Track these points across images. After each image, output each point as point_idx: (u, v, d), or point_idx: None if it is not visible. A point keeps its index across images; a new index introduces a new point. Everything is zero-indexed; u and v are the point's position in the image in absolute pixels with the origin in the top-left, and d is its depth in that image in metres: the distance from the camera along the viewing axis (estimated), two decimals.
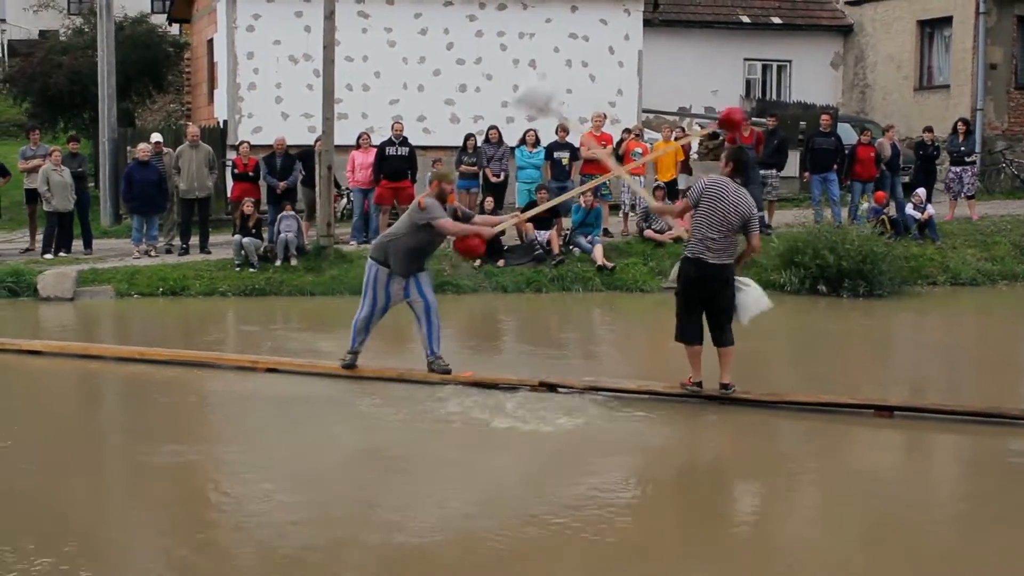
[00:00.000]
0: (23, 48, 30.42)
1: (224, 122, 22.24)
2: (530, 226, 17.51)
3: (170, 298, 16.25)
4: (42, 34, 30.84)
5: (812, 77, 28.76)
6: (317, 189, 17.93)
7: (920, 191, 19.30)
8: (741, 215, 9.36)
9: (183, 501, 7.30)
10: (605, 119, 19.73)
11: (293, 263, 17.24)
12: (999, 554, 6.43)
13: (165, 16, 29.23)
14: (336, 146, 17.85)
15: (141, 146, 18.34)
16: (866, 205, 19.16)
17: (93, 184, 21.61)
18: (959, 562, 6.37)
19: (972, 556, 6.42)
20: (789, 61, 28.93)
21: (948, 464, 8.64)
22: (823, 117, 20.43)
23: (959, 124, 20.81)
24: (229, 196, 19.60)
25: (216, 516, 7.04)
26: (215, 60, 23.75)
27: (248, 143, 19.18)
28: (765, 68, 29.04)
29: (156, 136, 19.02)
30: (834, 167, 19.36)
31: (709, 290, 9.51)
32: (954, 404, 9.46)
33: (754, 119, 20.26)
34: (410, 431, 8.89)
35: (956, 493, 7.84)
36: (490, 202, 18.12)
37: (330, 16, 17.36)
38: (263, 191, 18.60)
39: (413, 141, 19.15)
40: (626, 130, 20.12)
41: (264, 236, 17.56)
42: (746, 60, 28.70)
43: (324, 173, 17.60)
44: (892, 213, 18.91)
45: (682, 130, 19.53)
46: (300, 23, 21.56)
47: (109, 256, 18.00)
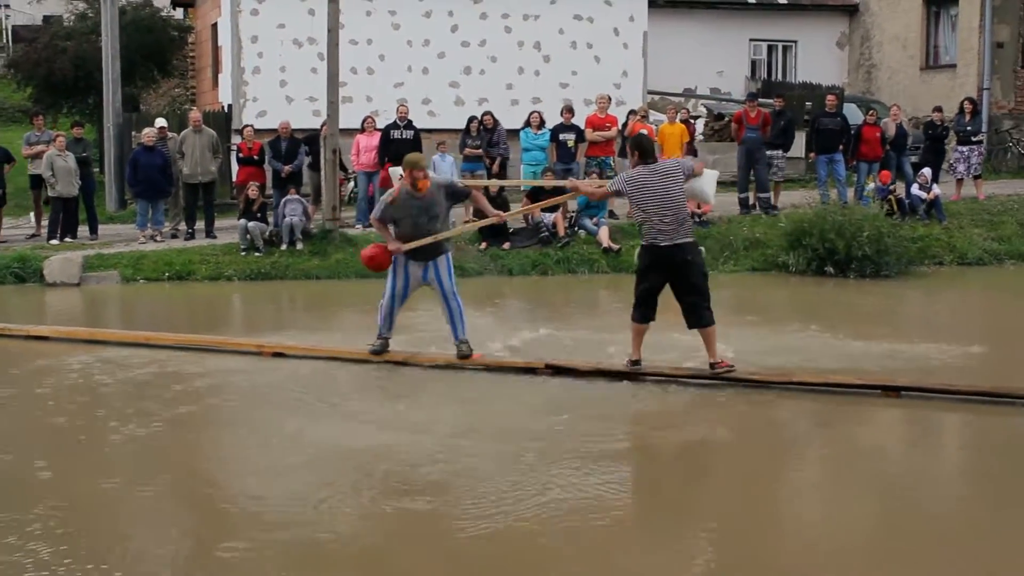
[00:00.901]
0: (27, 34, 30.33)
1: (229, 106, 22.21)
2: (536, 208, 17.47)
3: (176, 283, 16.26)
4: (46, 19, 30.74)
5: (818, 57, 28.67)
6: (322, 173, 17.92)
7: (926, 171, 19.25)
8: (675, 189, 9.48)
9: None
10: (610, 101, 19.68)
11: (298, 247, 17.23)
12: (1006, 534, 6.42)
13: (169, 0, 29.14)
14: (341, 130, 17.83)
15: (146, 131, 18.32)
16: (872, 185, 19.11)
17: (98, 169, 21.59)
18: (966, 541, 6.35)
19: (979, 536, 6.41)
20: (795, 41, 28.85)
21: (956, 444, 8.62)
22: (829, 97, 20.36)
23: (965, 103, 20.74)
24: (234, 180, 19.59)
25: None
26: (219, 44, 23.70)
27: (252, 127, 19.17)
28: (771, 48, 28.97)
29: (161, 121, 19.00)
30: (840, 147, 19.32)
31: (671, 273, 9.57)
32: (962, 384, 9.43)
33: (761, 100, 20.15)
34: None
35: (964, 473, 7.82)
36: (495, 185, 18.08)
37: None
38: (268, 175, 18.59)
39: (418, 124, 19.13)
40: (631, 112, 20.06)
41: (269, 220, 17.56)
42: (751, 40, 28.62)
43: (329, 157, 17.58)
44: (899, 193, 18.88)
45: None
46: (304, 6, 21.52)
47: (115, 241, 18.02)
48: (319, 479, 7.20)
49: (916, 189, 19.03)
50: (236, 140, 20.03)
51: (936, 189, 19.07)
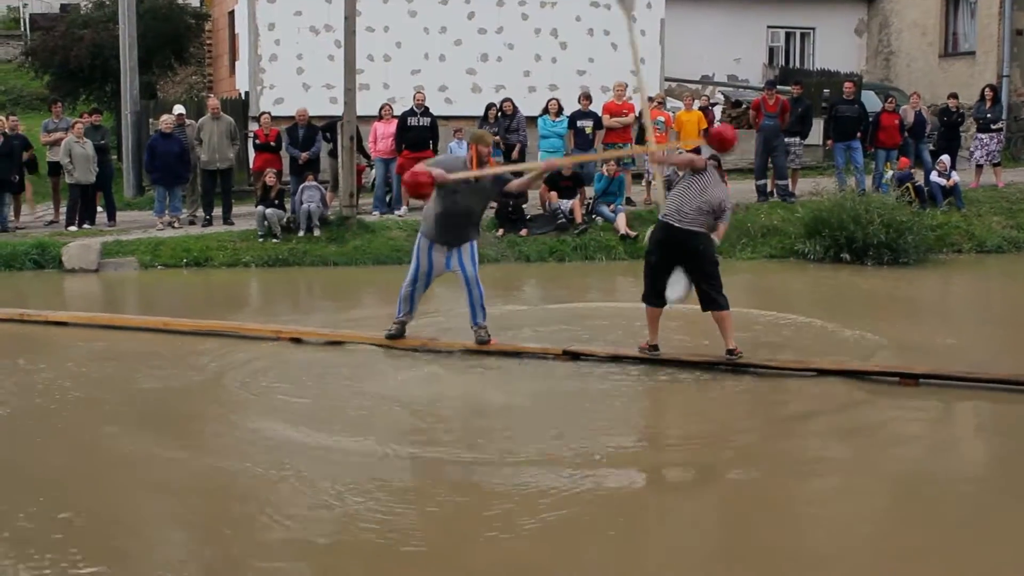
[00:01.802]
0: (45, 22, 30.40)
1: (246, 93, 22.24)
2: (553, 195, 17.49)
3: (194, 269, 16.33)
4: (63, 8, 30.77)
5: (836, 44, 28.50)
6: (339, 160, 17.94)
7: (944, 158, 19.17)
8: (711, 205, 9.53)
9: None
10: (627, 88, 19.63)
11: (316, 233, 17.25)
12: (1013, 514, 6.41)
13: None
14: (358, 117, 17.83)
15: (163, 118, 18.37)
16: (890, 173, 19.04)
17: (116, 157, 21.66)
18: (982, 530, 6.33)
19: (996, 524, 6.38)
20: (813, 28, 28.69)
21: (974, 432, 8.58)
22: (846, 85, 20.26)
23: (986, 91, 20.64)
24: (251, 167, 19.63)
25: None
26: (236, 32, 23.72)
27: (269, 114, 19.19)
28: (788, 35, 28.82)
29: (179, 108, 19.04)
30: (858, 135, 19.25)
31: (678, 255, 9.59)
32: (980, 371, 9.40)
33: (779, 87, 20.07)
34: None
35: (982, 461, 7.79)
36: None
37: None
38: (285, 162, 18.62)
39: (435, 111, 19.12)
40: (649, 99, 19.97)
41: (286, 207, 17.59)
42: (769, 28, 28.47)
43: (346, 144, 17.59)
44: (919, 181, 18.81)
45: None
46: None
47: (132, 228, 18.07)
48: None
49: (935, 176, 18.96)
50: (253, 127, 20.06)
51: (955, 176, 19.00)
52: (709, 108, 20.86)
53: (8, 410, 8.56)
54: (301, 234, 17.24)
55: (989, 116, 20.24)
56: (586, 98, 19.03)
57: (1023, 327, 12.54)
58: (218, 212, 18.53)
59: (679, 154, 11.53)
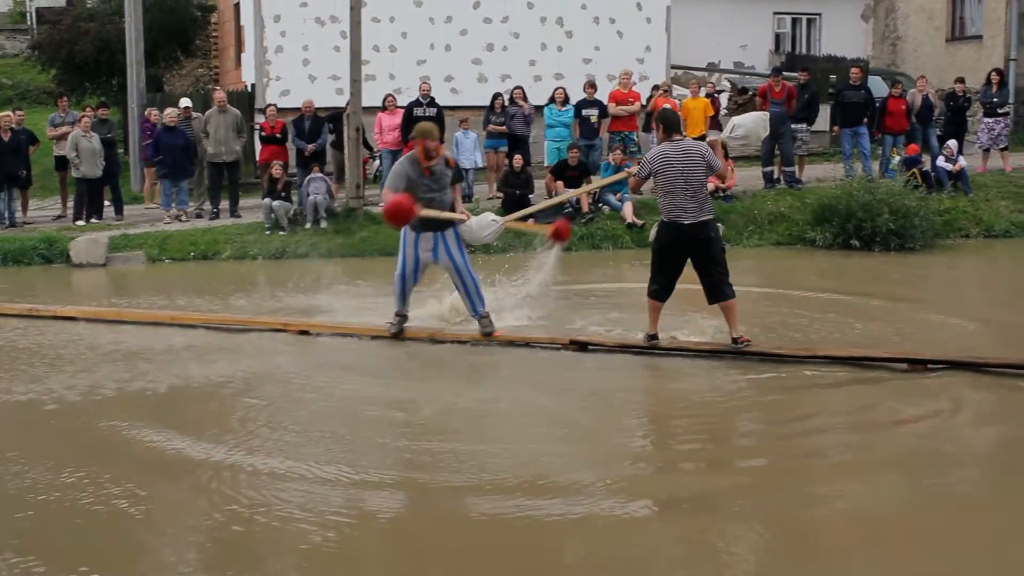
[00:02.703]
0: (51, 15, 30.42)
1: (252, 86, 22.25)
2: (560, 185, 17.46)
3: (201, 262, 16.34)
4: (69, 2, 30.83)
5: (842, 30, 28.47)
6: (345, 151, 17.94)
7: (951, 143, 19.12)
8: (698, 167, 9.49)
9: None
10: (632, 77, 19.63)
11: (323, 225, 17.26)
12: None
13: None
14: (364, 108, 17.84)
15: (168, 111, 18.39)
16: (898, 158, 19.00)
17: (123, 151, 21.69)
18: (991, 514, 6.33)
19: (1005, 509, 6.39)
20: (819, 14, 28.64)
21: (984, 418, 8.55)
22: (853, 70, 20.24)
23: (992, 75, 20.57)
24: (257, 159, 19.64)
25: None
26: (242, 24, 23.73)
27: (275, 106, 19.21)
28: (795, 21, 28.78)
29: (185, 101, 19.05)
30: (864, 120, 19.22)
31: (690, 251, 9.59)
32: (989, 356, 9.39)
33: (785, 73, 20.02)
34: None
35: (992, 447, 7.77)
36: (518, 160, 18.05)
37: None
38: (291, 154, 18.63)
39: (441, 101, 19.12)
40: (655, 87, 19.99)
41: (293, 199, 17.60)
42: (775, 14, 28.44)
43: (352, 135, 17.60)
44: (926, 166, 18.76)
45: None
46: None
47: (140, 222, 18.11)
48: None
49: (942, 161, 18.91)
50: (259, 119, 20.08)
51: (962, 161, 18.95)
52: (715, 95, 20.82)
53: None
54: (308, 226, 17.26)
55: (996, 100, 20.17)
56: (591, 86, 19.00)
57: None
58: (225, 205, 18.55)
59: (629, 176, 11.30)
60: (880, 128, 19.48)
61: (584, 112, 18.68)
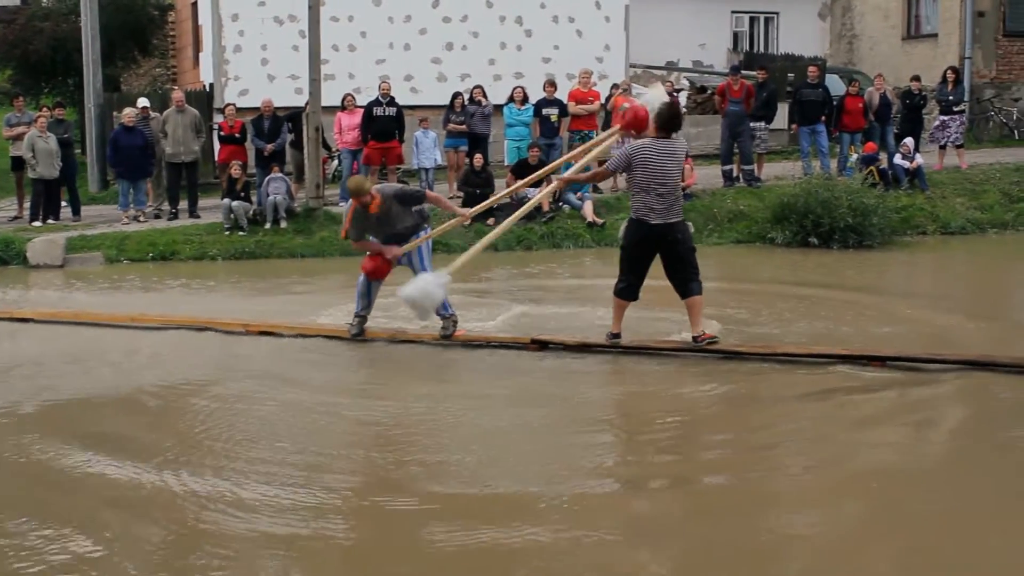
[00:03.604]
0: (4, 15, 30.10)
1: (210, 85, 22.12)
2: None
3: (160, 263, 16.23)
4: (24, 0, 30.57)
5: (800, 28, 28.64)
6: (305, 151, 17.87)
7: (908, 140, 19.28)
8: (677, 169, 9.50)
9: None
10: (592, 76, 19.67)
11: (283, 225, 17.20)
12: (989, 502, 6.46)
13: None
14: (324, 107, 17.78)
15: (126, 111, 18.25)
16: (855, 156, 19.15)
17: (80, 151, 21.51)
18: (950, 508, 6.39)
19: (963, 504, 6.45)
20: (776, 13, 28.80)
21: (941, 413, 8.63)
22: (810, 68, 20.40)
23: (948, 73, 20.76)
24: (216, 159, 19.53)
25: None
26: (199, 23, 23.59)
27: (234, 106, 19.11)
28: (752, 20, 28.93)
29: (143, 100, 18.93)
30: (822, 118, 19.35)
31: (659, 249, 9.59)
32: (947, 352, 9.48)
33: (744, 72, 20.12)
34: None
35: (948, 442, 7.84)
36: (479, 159, 18.06)
37: None
38: (251, 154, 18.54)
39: (400, 100, 19.06)
40: (614, 85, 20.03)
41: (253, 199, 17.52)
42: (733, 12, 28.57)
43: (312, 135, 17.53)
44: (883, 164, 18.91)
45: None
46: None
47: (98, 222, 17.97)
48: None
49: (899, 159, 19.07)
50: (218, 119, 19.97)
51: (919, 158, 19.11)
52: (673, 94, 20.86)
53: None
54: (268, 226, 17.19)
55: (951, 98, 20.37)
56: (551, 85, 19.03)
57: (987, 308, 12.63)
58: (184, 205, 18.43)
59: (586, 172, 11.11)
60: (838, 126, 19.63)
61: (544, 111, 18.70)
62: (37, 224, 17.68)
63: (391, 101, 18.62)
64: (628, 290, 9.78)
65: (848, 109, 19.56)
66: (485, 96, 19.10)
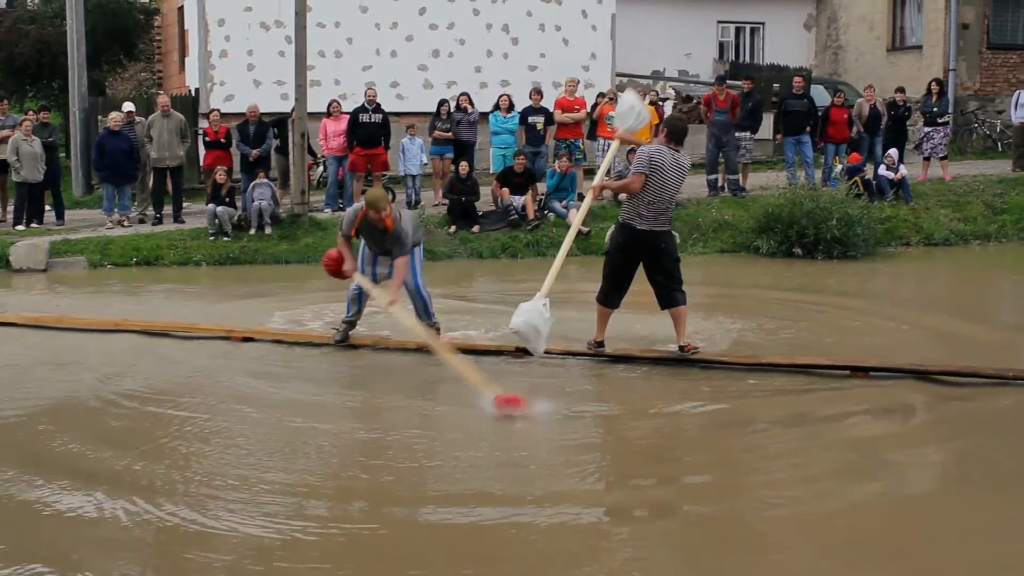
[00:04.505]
0: None
1: (196, 90, 22.09)
2: (506, 191, 17.51)
3: (144, 268, 16.18)
4: (9, 3, 30.47)
5: (785, 39, 28.73)
6: (291, 157, 17.85)
7: (892, 152, 19.35)
8: (678, 184, 9.55)
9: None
10: (578, 84, 19.72)
11: (267, 231, 17.17)
12: (975, 510, 6.49)
13: None
14: (309, 113, 17.76)
15: (112, 115, 18.20)
16: (839, 167, 19.21)
17: (64, 155, 21.44)
18: (934, 518, 6.41)
19: (948, 513, 6.47)
20: (762, 23, 28.90)
21: (924, 423, 8.66)
22: (796, 79, 20.47)
23: (932, 84, 20.84)
24: (201, 165, 19.49)
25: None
26: (186, 27, 23.55)
27: (219, 111, 19.09)
28: (738, 30, 29.01)
29: (128, 105, 18.88)
30: (807, 129, 19.41)
31: (640, 256, 9.59)
32: (930, 363, 9.51)
33: (729, 82, 20.20)
34: None
35: (931, 451, 7.87)
36: (464, 166, 18.06)
37: None
38: (236, 159, 18.51)
39: (386, 107, 19.06)
40: (600, 94, 20.08)
41: (237, 205, 17.48)
42: (719, 23, 28.66)
43: (297, 140, 17.52)
44: (868, 175, 18.96)
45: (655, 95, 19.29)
46: None
47: (81, 227, 17.91)
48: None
49: (883, 170, 19.13)
50: (203, 124, 19.93)
51: (903, 170, 19.18)
52: (659, 103, 20.94)
53: None
54: (252, 232, 17.15)
55: (936, 110, 20.44)
56: (537, 93, 19.07)
57: (970, 319, 12.61)
58: (168, 210, 18.39)
59: (618, 180, 11.12)
60: (822, 137, 19.70)
61: (530, 119, 18.73)
62: (21, 228, 17.62)
63: (377, 108, 18.61)
64: (610, 297, 9.79)
65: (833, 120, 19.64)
66: (471, 103, 19.13)
